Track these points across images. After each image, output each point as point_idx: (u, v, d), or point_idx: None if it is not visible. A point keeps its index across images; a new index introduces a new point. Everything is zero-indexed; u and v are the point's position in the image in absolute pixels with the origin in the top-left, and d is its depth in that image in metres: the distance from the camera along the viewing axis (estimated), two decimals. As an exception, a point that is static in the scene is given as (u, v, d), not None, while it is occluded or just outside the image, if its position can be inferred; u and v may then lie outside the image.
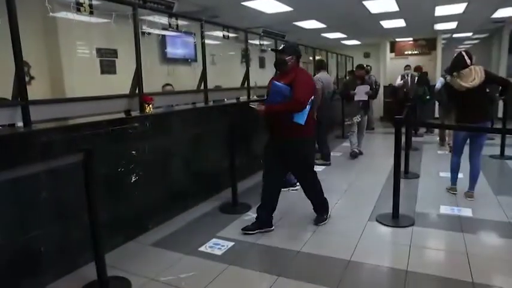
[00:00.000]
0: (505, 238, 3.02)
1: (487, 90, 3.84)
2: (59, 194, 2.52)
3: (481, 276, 2.39)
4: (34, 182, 2.34)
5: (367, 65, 9.80)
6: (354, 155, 6.03)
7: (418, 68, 8.80)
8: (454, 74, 3.66)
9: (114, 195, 2.93)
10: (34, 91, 3.90)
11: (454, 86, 3.66)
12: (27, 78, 4.32)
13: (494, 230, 3.21)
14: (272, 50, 3.52)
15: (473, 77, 3.54)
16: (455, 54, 3.80)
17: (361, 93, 5.88)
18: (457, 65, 3.65)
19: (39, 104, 2.70)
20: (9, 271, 2.24)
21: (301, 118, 2.94)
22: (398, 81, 8.79)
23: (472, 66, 3.58)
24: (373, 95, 6.24)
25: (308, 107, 2.96)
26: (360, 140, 6.22)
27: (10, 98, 2.52)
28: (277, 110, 2.98)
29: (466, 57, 3.62)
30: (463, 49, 3.81)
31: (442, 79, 6.36)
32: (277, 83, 2.96)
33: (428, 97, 8.20)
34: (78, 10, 3.12)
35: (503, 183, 4.69)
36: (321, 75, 5.73)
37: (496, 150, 5.89)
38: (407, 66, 8.99)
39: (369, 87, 5.97)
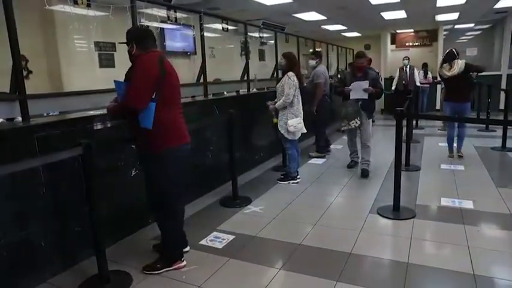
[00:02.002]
0: (506, 230, 3.01)
1: (473, 78, 5.01)
2: (59, 188, 2.51)
3: (482, 268, 2.39)
4: (33, 176, 2.33)
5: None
6: (350, 166, 5.01)
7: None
8: (444, 65, 4.93)
9: (114, 189, 2.92)
10: (32, 85, 3.88)
11: (441, 74, 5.02)
12: (24, 73, 4.30)
13: (495, 222, 3.20)
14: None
15: (453, 68, 4.82)
16: (447, 51, 4.99)
17: (358, 89, 4.43)
18: (449, 59, 4.88)
19: (37, 98, 2.68)
20: (9, 266, 2.24)
21: (146, 120, 2.26)
22: (397, 76, 8.98)
23: (455, 60, 4.82)
24: (376, 94, 4.52)
25: (152, 105, 2.23)
26: (365, 153, 4.65)
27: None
28: (113, 112, 2.41)
29: (455, 53, 4.86)
30: (453, 48, 5.03)
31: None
32: (117, 80, 2.37)
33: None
34: (76, 3, 3.08)
35: (504, 175, 4.68)
36: (322, 69, 5.67)
37: (498, 142, 5.87)
38: (405, 57, 9.00)
39: (368, 82, 4.40)
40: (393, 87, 9.23)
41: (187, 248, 2.73)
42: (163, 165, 2.38)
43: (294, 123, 4.21)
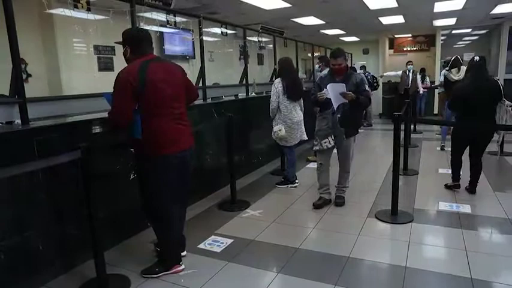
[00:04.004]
0: (504, 234, 3.02)
1: None
2: (58, 191, 2.51)
3: (480, 273, 2.40)
4: (32, 179, 2.33)
5: (361, 67, 9.83)
6: (318, 206, 3.65)
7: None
8: (452, 70, 5.74)
9: (113, 192, 2.92)
10: (31, 89, 3.89)
11: (448, 77, 5.80)
12: (24, 76, 4.31)
13: (493, 227, 3.21)
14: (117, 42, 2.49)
15: (459, 73, 5.62)
16: (453, 57, 5.84)
17: (335, 95, 3.31)
18: (456, 65, 5.71)
19: (36, 102, 2.69)
20: (7, 269, 2.23)
21: (135, 131, 2.24)
22: (397, 73, 9.04)
23: (461, 66, 5.65)
24: (359, 102, 3.37)
25: (137, 116, 2.20)
26: (342, 179, 3.72)
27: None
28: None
29: (460, 60, 5.75)
30: (457, 55, 5.94)
31: (444, 71, 6.90)
32: (106, 93, 2.35)
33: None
34: (76, 7, 3.10)
35: (502, 180, 4.70)
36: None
37: (495, 147, 5.89)
38: (409, 62, 9.01)
39: (344, 85, 3.29)
40: (384, 74, 10.02)
41: (184, 253, 2.72)
42: (155, 171, 2.33)
43: (275, 130, 4.21)
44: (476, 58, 3.82)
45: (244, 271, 2.57)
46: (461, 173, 4.03)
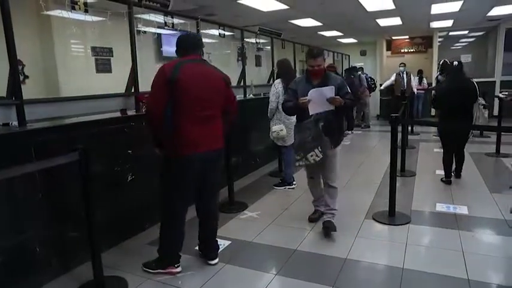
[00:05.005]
0: (500, 235, 3.03)
1: None
2: (55, 193, 2.50)
3: (477, 274, 2.41)
4: (29, 181, 2.33)
5: (358, 68, 9.84)
6: (313, 219, 3.41)
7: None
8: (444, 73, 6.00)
9: (110, 194, 2.92)
10: (29, 90, 3.88)
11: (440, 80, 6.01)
12: (21, 77, 4.29)
13: (489, 228, 3.22)
14: None
15: None
16: (441, 62, 6.50)
17: (320, 101, 2.87)
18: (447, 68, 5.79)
19: (34, 103, 2.69)
20: (4, 271, 2.22)
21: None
22: (392, 79, 9.15)
23: None
24: (344, 107, 2.99)
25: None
26: (329, 198, 3.20)
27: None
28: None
29: (448, 63, 5.67)
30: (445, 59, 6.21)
31: (439, 76, 7.19)
32: None
33: None
34: (73, 8, 3.10)
35: (498, 181, 4.71)
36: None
37: (492, 148, 5.92)
38: (401, 64, 9.11)
39: (334, 88, 2.87)
40: (382, 87, 9.85)
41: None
42: (171, 171, 2.43)
43: (276, 130, 4.22)
44: (455, 63, 4.44)
45: (242, 273, 2.57)
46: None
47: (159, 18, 4.28)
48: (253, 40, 7.10)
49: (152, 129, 2.43)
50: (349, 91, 3.10)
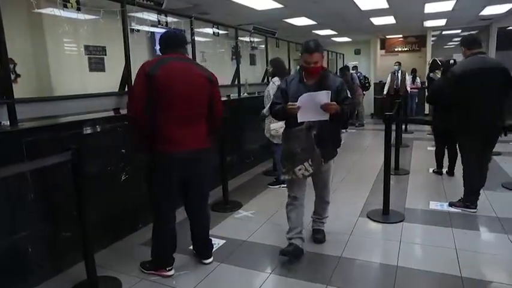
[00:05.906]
0: (493, 233, 3.06)
1: None
2: (47, 193, 2.48)
3: (470, 271, 2.43)
4: (21, 181, 2.30)
5: (352, 67, 9.87)
6: (286, 253, 2.62)
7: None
8: (436, 71, 5.52)
9: (104, 194, 2.90)
10: (21, 89, 3.84)
11: (434, 78, 5.52)
12: (12, 76, 4.25)
13: (482, 225, 3.25)
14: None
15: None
16: (431, 60, 5.96)
17: (311, 107, 2.40)
18: (436, 67, 5.57)
19: (25, 103, 2.66)
20: (-4, 272, 2.20)
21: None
22: (389, 80, 9.20)
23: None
24: (342, 114, 2.48)
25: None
26: (321, 209, 2.93)
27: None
28: None
29: (438, 61, 5.63)
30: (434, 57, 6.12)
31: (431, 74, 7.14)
32: None
33: None
34: (65, 6, 3.07)
35: (490, 179, 4.72)
36: None
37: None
38: (396, 63, 9.17)
39: (330, 93, 2.39)
40: (385, 92, 9.54)
41: None
42: (152, 169, 2.38)
43: (275, 127, 4.20)
44: (451, 61, 4.63)
45: (237, 272, 2.56)
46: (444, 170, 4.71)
47: (153, 16, 4.26)
48: (247, 39, 7.09)
49: (133, 126, 2.38)
50: (349, 96, 2.66)
